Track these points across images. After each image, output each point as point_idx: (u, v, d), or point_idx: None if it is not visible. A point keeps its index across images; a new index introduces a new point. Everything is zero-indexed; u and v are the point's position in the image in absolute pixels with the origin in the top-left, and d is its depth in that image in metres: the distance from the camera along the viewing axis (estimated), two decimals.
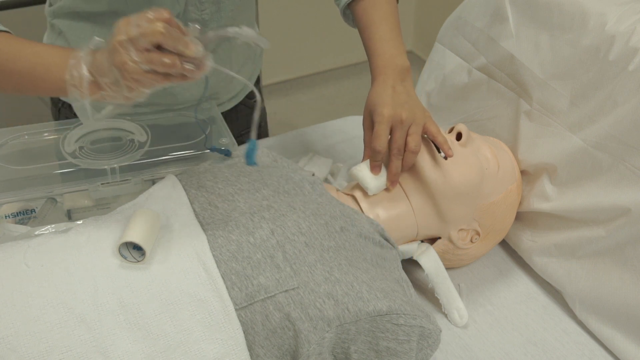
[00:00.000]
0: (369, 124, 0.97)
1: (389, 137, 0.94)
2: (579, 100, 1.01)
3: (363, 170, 0.97)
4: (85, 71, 0.77)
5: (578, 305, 0.99)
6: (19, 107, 1.89)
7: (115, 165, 0.99)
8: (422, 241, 1.02)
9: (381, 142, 0.93)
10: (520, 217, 1.09)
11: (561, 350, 0.95)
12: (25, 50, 0.82)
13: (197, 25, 0.76)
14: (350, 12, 1.08)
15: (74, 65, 0.78)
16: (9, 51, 0.82)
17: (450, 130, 1.02)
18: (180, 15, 1.02)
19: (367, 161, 0.97)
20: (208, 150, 1.03)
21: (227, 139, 1.06)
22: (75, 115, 1.20)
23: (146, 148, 1.04)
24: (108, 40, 0.75)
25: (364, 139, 0.99)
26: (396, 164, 0.94)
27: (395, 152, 0.94)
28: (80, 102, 0.80)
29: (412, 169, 0.97)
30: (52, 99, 1.26)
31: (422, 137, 0.98)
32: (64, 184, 1.00)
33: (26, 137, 1.07)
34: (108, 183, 1.00)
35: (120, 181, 1.00)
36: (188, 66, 0.74)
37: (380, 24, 1.01)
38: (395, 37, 1.01)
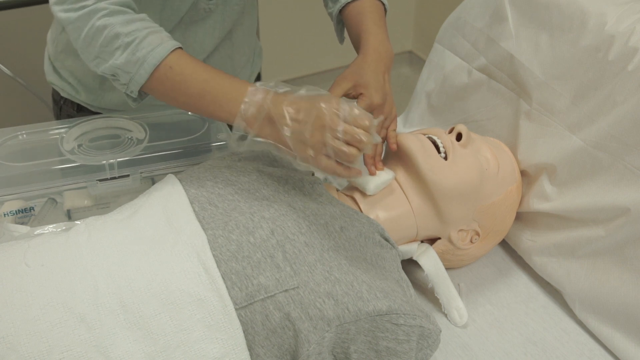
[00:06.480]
0: (342, 81, 0.96)
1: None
2: (578, 100, 1.01)
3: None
4: (263, 113, 0.85)
5: (578, 304, 0.99)
6: (18, 107, 1.89)
7: (114, 161, 0.99)
8: (422, 241, 1.02)
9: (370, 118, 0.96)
10: (520, 217, 1.09)
11: (561, 350, 0.96)
12: (197, 75, 0.88)
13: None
14: (341, 19, 1.10)
15: (252, 102, 0.85)
16: (183, 74, 0.87)
17: (450, 131, 1.02)
18: (193, 4, 1.05)
19: (363, 165, 0.98)
20: (206, 145, 1.05)
21: (224, 134, 1.07)
22: (76, 113, 1.19)
23: (144, 144, 1.04)
24: (312, 112, 0.84)
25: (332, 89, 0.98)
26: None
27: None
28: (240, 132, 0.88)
29: (411, 170, 0.97)
30: (53, 96, 1.25)
31: (422, 138, 0.99)
32: (63, 180, 1.00)
33: (25, 136, 1.08)
34: (106, 179, 1.00)
35: (118, 177, 1.00)
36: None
37: (371, 13, 1.05)
38: (383, 26, 1.05)
